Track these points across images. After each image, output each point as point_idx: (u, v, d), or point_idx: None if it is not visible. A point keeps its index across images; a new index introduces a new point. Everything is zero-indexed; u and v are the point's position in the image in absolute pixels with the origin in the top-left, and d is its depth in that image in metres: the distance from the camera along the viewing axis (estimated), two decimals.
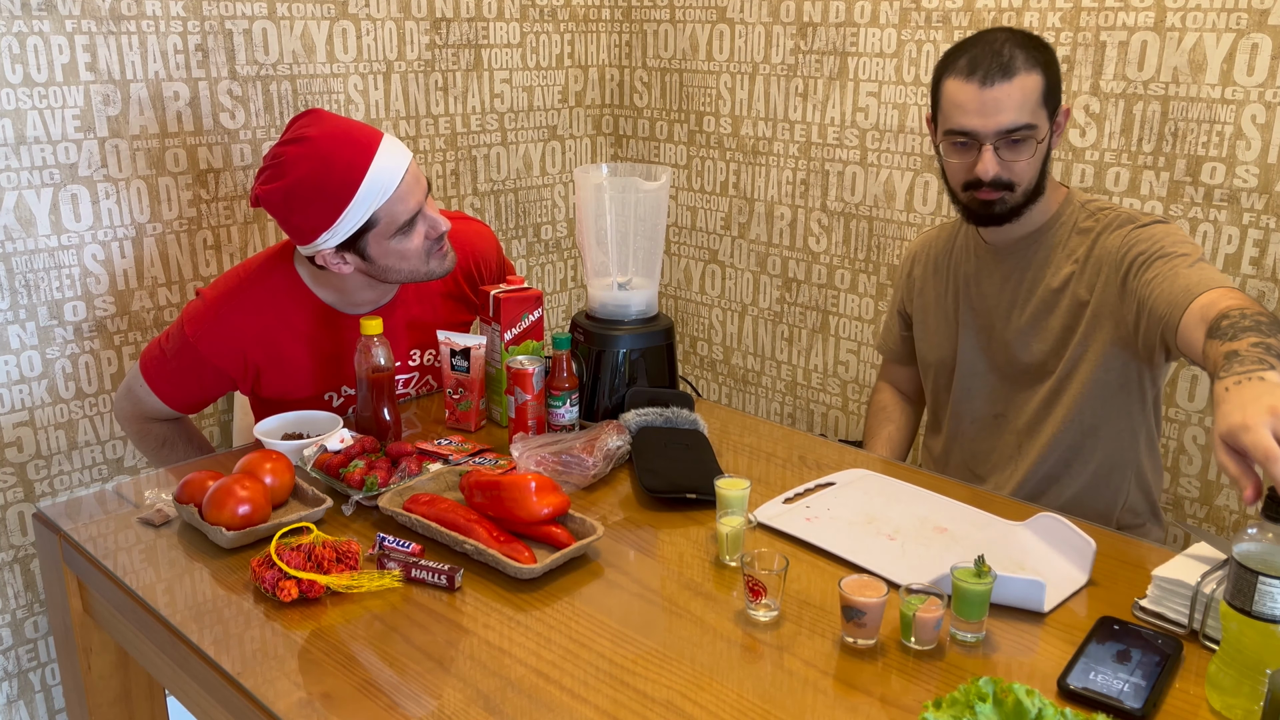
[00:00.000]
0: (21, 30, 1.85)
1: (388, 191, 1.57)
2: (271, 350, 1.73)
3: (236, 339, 1.71)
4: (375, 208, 1.57)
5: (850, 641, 1.17)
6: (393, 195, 1.58)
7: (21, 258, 1.93)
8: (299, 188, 1.55)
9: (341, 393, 1.82)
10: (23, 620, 2.06)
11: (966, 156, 1.58)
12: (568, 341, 1.70)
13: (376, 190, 1.56)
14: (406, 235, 1.63)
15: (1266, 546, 1.00)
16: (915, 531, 1.41)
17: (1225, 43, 1.87)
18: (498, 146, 2.67)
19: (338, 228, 1.57)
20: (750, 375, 2.84)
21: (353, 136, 1.58)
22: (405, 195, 1.60)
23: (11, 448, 1.98)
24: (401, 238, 1.62)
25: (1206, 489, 2.06)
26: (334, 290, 1.74)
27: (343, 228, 1.57)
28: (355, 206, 1.56)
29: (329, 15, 2.25)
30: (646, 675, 1.12)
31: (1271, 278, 1.90)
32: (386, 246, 1.62)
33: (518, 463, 1.55)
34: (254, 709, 1.09)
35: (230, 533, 1.34)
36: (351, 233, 1.59)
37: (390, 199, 1.58)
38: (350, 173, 1.55)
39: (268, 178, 1.59)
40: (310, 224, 1.57)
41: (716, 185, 2.78)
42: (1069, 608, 1.25)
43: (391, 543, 1.35)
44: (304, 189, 1.55)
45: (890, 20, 2.32)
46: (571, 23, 2.76)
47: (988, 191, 1.59)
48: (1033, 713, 0.94)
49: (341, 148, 1.56)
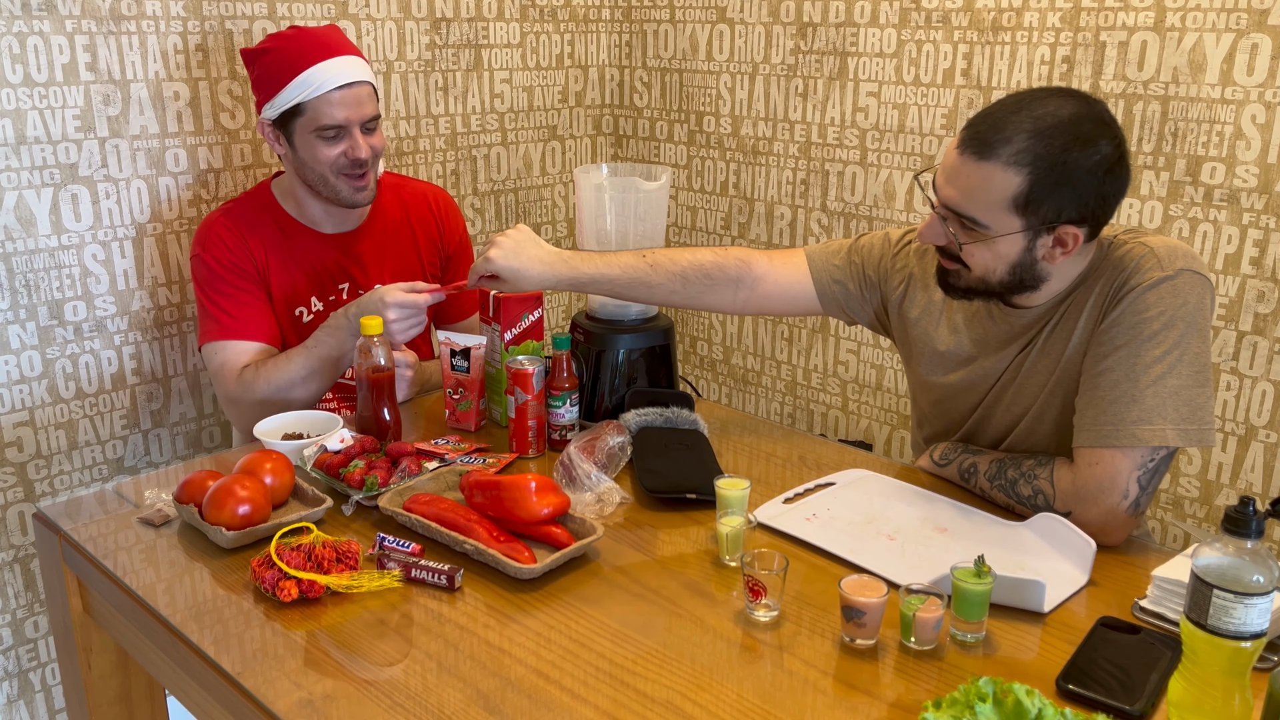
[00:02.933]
0: (21, 30, 1.85)
1: (320, 89, 1.79)
2: (262, 251, 1.92)
3: (236, 239, 1.90)
4: (305, 98, 1.80)
5: (850, 641, 1.17)
6: (323, 95, 1.79)
7: (21, 258, 1.93)
8: (265, 55, 1.83)
9: (312, 308, 1.97)
10: (23, 620, 2.06)
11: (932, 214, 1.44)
12: (568, 342, 1.70)
13: (312, 83, 1.79)
14: (326, 141, 1.82)
15: (1224, 560, 0.97)
16: (915, 531, 1.41)
17: (1225, 43, 1.87)
18: (498, 146, 2.67)
19: (276, 100, 1.81)
20: (750, 375, 2.84)
21: (323, 40, 1.83)
22: (336, 103, 1.80)
23: (11, 448, 1.98)
24: (320, 141, 1.82)
25: (1206, 489, 2.06)
26: (296, 207, 1.95)
27: (278, 101, 1.81)
28: (291, 88, 1.79)
29: (329, 15, 2.25)
30: (646, 675, 1.12)
31: (1271, 278, 1.90)
32: (307, 140, 1.83)
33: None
34: (254, 709, 1.09)
35: (230, 533, 1.34)
36: (284, 109, 1.81)
37: (320, 97, 1.79)
38: (300, 60, 1.80)
39: (258, 43, 1.88)
40: (260, 87, 1.85)
41: (716, 185, 2.78)
42: (1069, 608, 1.25)
43: (391, 543, 1.35)
44: (267, 58, 1.83)
45: (890, 20, 2.32)
46: (571, 23, 2.76)
47: (941, 256, 1.45)
48: (1033, 713, 0.94)
49: (309, 43, 1.82)
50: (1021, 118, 1.31)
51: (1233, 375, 1.98)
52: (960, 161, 1.35)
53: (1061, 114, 1.31)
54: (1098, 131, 1.31)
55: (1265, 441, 1.96)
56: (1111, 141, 1.32)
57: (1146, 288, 1.34)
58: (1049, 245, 1.36)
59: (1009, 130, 1.31)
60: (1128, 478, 1.33)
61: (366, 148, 1.84)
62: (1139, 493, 1.34)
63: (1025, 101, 1.34)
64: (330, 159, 1.83)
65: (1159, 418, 1.32)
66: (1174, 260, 1.35)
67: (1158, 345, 1.33)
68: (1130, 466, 1.33)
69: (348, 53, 1.84)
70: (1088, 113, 1.32)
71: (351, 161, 1.84)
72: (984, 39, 2.18)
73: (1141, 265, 1.36)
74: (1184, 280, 1.34)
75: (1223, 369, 1.99)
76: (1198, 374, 1.33)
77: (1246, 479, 2.00)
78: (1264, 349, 1.94)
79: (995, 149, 1.31)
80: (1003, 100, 1.37)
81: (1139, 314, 1.34)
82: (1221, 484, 2.04)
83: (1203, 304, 1.35)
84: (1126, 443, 1.32)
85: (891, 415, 2.55)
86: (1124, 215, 2.05)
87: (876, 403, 2.57)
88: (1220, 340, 1.98)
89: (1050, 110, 1.31)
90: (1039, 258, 1.37)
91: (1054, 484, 1.39)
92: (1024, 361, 1.49)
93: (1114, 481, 1.33)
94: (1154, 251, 1.36)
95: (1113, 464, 1.33)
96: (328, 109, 1.80)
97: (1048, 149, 1.30)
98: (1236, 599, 0.95)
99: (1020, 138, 1.30)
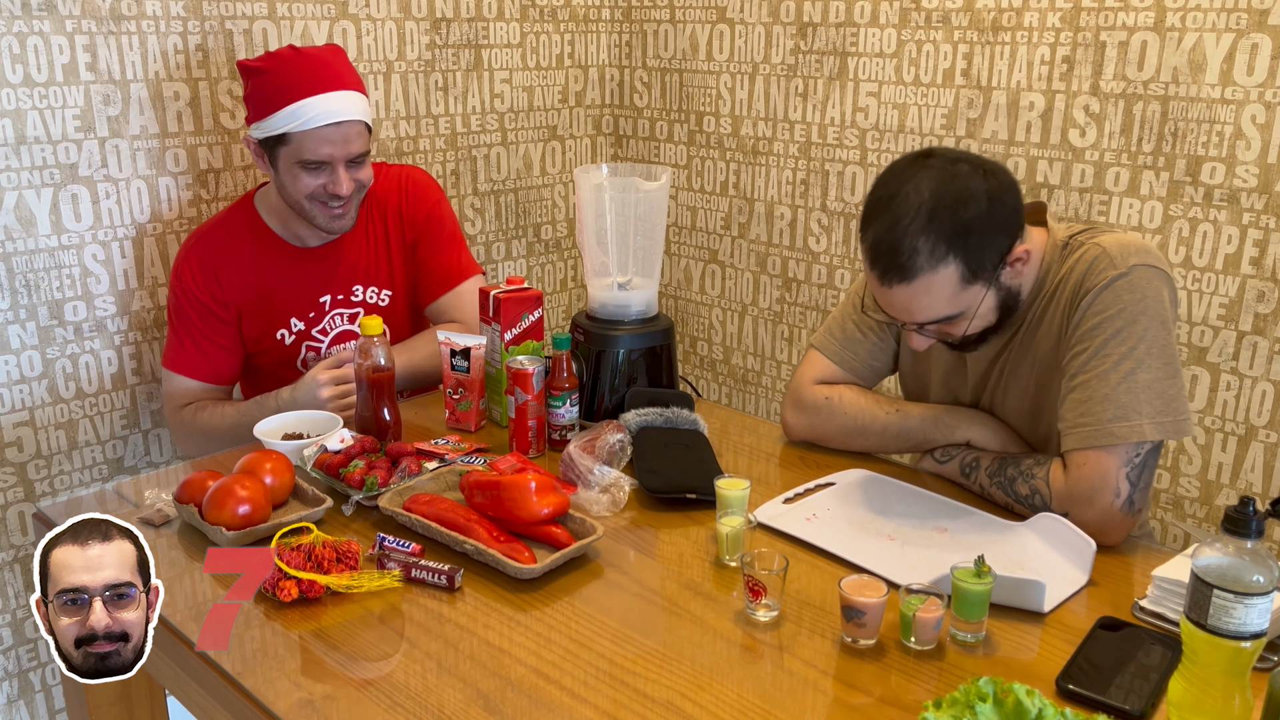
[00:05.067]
0: (21, 30, 1.85)
1: (308, 124, 1.78)
2: (237, 280, 1.93)
3: (208, 276, 1.91)
4: (292, 129, 1.79)
5: (850, 641, 1.17)
6: (309, 131, 1.78)
7: (21, 258, 1.93)
8: (259, 76, 1.82)
9: (293, 329, 1.98)
10: (23, 620, 2.06)
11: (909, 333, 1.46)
12: (568, 341, 1.70)
13: (301, 116, 1.78)
14: (308, 172, 1.82)
15: (1225, 560, 0.97)
16: (915, 531, 1.41)
17: (1225, 43, 1.87)
18: (498, 146, 2.67)
19: (263, 124, 1.81)
20: (750, 375, 2.84)
21: (319, 71, 1.81)
22: (322, 139, 1.79)
23: (11, 448, 1.98)
24: (302, 171, 1.82)
25: (1206, 489, 2.06)
26: (279, 221, 1.95)
27: (265, 126, 1.81)
28: (279, 116, 1.78)
29: (329, 15, 2.25)
30: (646, 675, 1.12)
31: (1271, 278, 1.90)
32: (290, 168, 1.83)
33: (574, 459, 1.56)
34: (254, 709, 1.09)
35: (230, 533, 1.34)
36: (270, 135, 1.80)
37: (306, 132, 1.78)
38: (292, 89, 1.78)
39: (258, 58, 1.86)
40: (251, 105, 1.85)
41: (716, 185, 2.78)
42: (1069, 608, 1.25)
43: (391, 543, 1.35)
44: (261, 79, 1.81)
45: (890, 20, 2.32)
46: (571, 23, 2.76)
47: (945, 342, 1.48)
48: (1033, 713, 0.94)
49: (305, 71, 1.80)
50: (902, 226, 1.32)
51: (1233, 375, 1.98)
52: (895, 293, 1.37)
53: (923, 195, 1.33)
54: (958, 180, 1.34)
55: (1265, 441, 1.96)
56: (971, 168, 1.35)
57: (1102, 288, 1.37)
58: (1011, 276, 1.41)
59: (905, 243, 1.32)
60: (1116, 476, 1.35)
61: (349, 183, 1.84)
62: (1131, 489, 1.35)
63: (887, 208, 1.35)
64: (309, 190, 1.83)
65: (1134, 414, 1.34)
66: (1126, 257, 1.37)
67: (1122, 342, 1.35)
68: (1117, 464, 1.35)
69: (344, 86, 1.82)
70: (936, 173, 1.35)
71: (330, 195, 1.84)
72: (984, 39, 2.18)
73: (1095, 266, 1.39)
74: (1138, 275, 1.36)
75: (1223, 369, 1.99)
76: (1166, 365, 1.35)
77: (1246, 479, 2.00)
78: (1264, 349, 1.94)
79: (912, 266, 1.33)
80: (871, 217, 1.38)
81: (1099, 314, 1.37)
82: (1221, 484, 2.04)
83: (1160, 296, 1.37)
84: (1107, 441, 1.35)
85: None
86: (1124, 215, 2.06)
87: None
88: (1220, 340, 1.98)
89: (912, 201, 1.33)
90: (1010, 288, 1.42)
91: (1049, 485, 1.40)
92: (1004, 367, 1.52)
93: (1104, 481, 1.35)
94: (1106, 251, 1.39)
95: (1100, 464, 1.35)
96: (313, 144, 1.79)
97: (945, 227, 1.32)
98: (1236, 599, 0.96)
99: (917, 239, 1.32)
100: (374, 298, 2.03)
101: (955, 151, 1.39)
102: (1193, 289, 2.00)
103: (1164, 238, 2.02)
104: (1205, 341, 2.00)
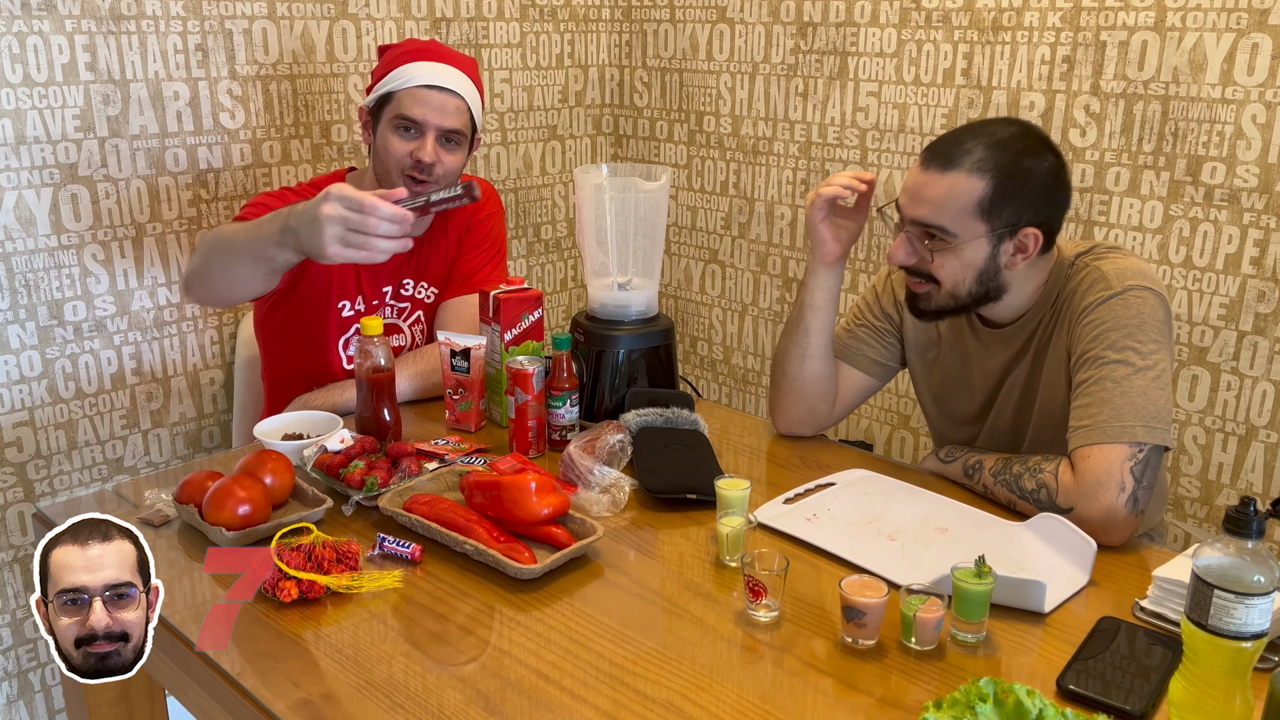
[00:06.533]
0: (21, 30, 1.85)
1: (410, 82, 1.82)
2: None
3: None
4: (395, 87, 1.83)
5: (850, 642, 1.17)
6: (409, 90, 1.82)
7: (21, 257, 1.92)
8: (390, 49, 1.91)
9: (356, 304, 1.94)
10: (23, 620, 2.06)
11: (897, 235, 1.52)
12: (568, 342, 1.70)
13: (405, 76, 1.83)
14: (400, 134, 1.83)
15: (1225, 560, 0.97)
16: (915, 532, 1.41)
17: (1225, 43, 1.87)
18: (498, 146, 2.67)
19: (375, 88, 1.87)
20: (750, 375, 2.83)
21: (441, 51, 1.90)
22: (419, 99, 1.82)
23: (11, 448, 1.98)
24: (394, 133, 1.83)
25: (1206, 489, 2.06)
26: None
27: (377, 88, 1.86)
28: (387, 80, 1.84)
29: (329, 15, 2.25)
30: (646, 675, 1.12)
31: (1272, 278, 1.90)
32: (385, 133, 1.85)
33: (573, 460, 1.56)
34: (254, 709, 1.09)
35: (230, 533, 1.34)
36: (377, 96, 1.85)
37: (405, 90, 1.82)
38: (408, 55, 1.86)
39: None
40: (373, 77, 1.91)
41: (716, 185, 2.78)
42: (1069, 608, 1.25)
43: (391, 543, 1.35)
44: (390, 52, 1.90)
45: (890, 20, 2.32)
46: (571, 23, 2.76)
47: (911, 279, 1.53)
48: (1033, 713, 0.94)
49: (428, 48, 1.88)
50: (976, 134, 1.46)
51: (1233, 375, 1.98)
52: (925, 177, 1.46)
53: (1011, 130, 1.47)
54: (1043, 145, 1.47)
55: (1265, 441, 1.96)
56: (1055, 155, 1.48)
57: (1096, 305, 1.46)
58: (1010, 252, 1.47)
59: (967, 144, 1.45)
60: (1121, 468, 1.37)
61: (434, 154, 1.81)
62: (1135, 485, 1.37)
63: (976, 125, 1.49)
64: (399, 154, 1.82)
65: (1129, 416, 1.39)
66: (1122, 279, 1.46)
67: (1116, 352, 1.43)
68: (1120, 457, 1.38)
69: (458, 67, 1.86)
70: (1032, 131, 1.49)
71: (415, 163, 1.81)
72: (984, 39, 2.18)
73: (1093, 288, 1.47)
74: (1132, 295, 1.45)
75: (1223, 369, 1.99)
76: (1157, 379, 1.41)
77: (1247, 479, 2.00)
78: (1264, 349, 1.94)
79: (957, 160, 1.44)
80: (954, 128, 1.51)
81: (1095, 329, 1.45)
82: (1222, 484, 2.04)
83: (1155, 314, 1.44)
84: (1109, 439, 1.39)
85: (892, 415, 2.55)
86: (1125, 215, 2.06)
87: (877, 403, 2.57)
88: (1220, 340, 1.98)
89: (1000, 128, 1.47)
90: (1002, 265, 1.48)
91: (1058, 478, 1.43)
92: (1015, 383, 1.59)
93: (1109, 473, 1.37)
94: (1104, 275, 1.48)
95: (1103, 456, 1.38)
96: (410, 101, 1.81)
97: (1004, 157, 1.43)
98: (1237, 599, 0.96)
99: (978, 149, 1.44)
100: (423, 293, 2.01)
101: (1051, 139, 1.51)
102: (1193, 289, 2.00)
103: (1164, 238, 2.02)
104: (1205, 341, 2.00)
